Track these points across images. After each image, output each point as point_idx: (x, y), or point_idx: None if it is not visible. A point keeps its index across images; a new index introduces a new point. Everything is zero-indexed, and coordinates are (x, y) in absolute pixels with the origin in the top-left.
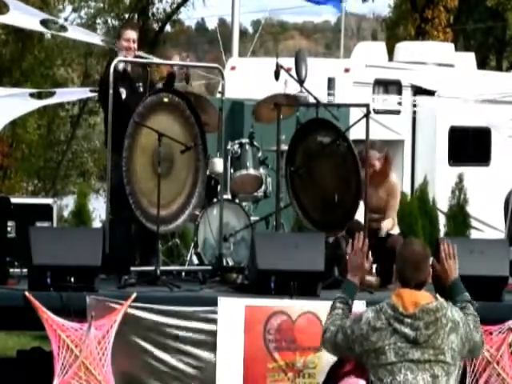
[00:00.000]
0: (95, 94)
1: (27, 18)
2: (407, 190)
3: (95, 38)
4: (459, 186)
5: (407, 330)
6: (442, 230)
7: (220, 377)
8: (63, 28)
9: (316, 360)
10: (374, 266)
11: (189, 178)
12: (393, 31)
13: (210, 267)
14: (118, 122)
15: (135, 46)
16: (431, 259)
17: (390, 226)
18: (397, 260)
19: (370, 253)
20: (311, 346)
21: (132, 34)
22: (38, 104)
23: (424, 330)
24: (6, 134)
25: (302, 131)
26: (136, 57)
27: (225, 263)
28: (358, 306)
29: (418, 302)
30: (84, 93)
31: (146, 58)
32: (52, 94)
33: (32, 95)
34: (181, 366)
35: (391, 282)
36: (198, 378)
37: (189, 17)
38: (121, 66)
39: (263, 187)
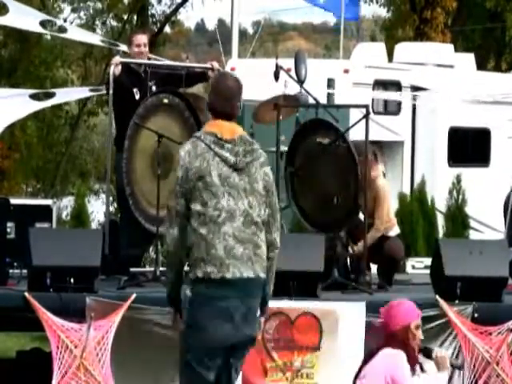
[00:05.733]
0: (95, 94)
1: (27, 20)
2: (407, 190)
3: (95, 39)
4: (457, 187)
5: (228, 155)
6: (441, 230)
7: None
8: (63, 29)
9: (314, 360)
10: (375, 267)
11: None
12: (392, 32)
13: None
14: (129, 122)
15: (146, 49)
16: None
17: (361, 248)
18: (210, 93)
19: (369, 256)
20: (309, 346)
21: (142, 39)
22: (38, 106)
23: (242, 157)
24: (5, 135)
25: (301, 132)
26: (148, 59)
27: None
28: (359, 307)
29: (235, 131)
30: (84, 92)
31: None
32: (52, 95)
33: (32, 97)
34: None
35: (391, 284)
36: None
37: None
38: (117, 70)
39: None
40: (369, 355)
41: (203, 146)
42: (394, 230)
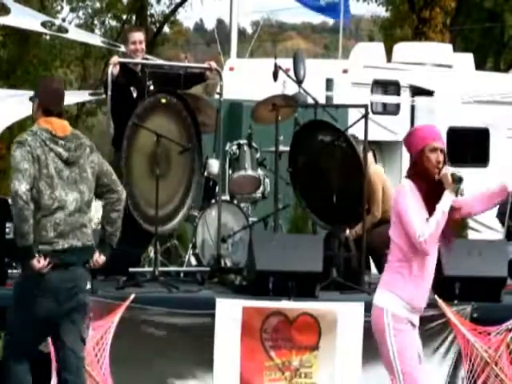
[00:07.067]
0: (95, 98)
1: (28, 20)
2: None
3: (95, 39)
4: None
5: (61, 150)
6: None
7: (217, 376)
8: (63, 29)
9: (312, 359)
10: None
11: (184, 179)
12: (390, 32)
13: (208, 268)
14: (127, 121)
15: (142, 46)
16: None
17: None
18: (41, 93)
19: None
20: (308, 346)
21: (138, 36)
22: None
23: (73, 152)
24: (4, 135)
25: (302, 132)
26: (143, 58)
27: (223, 264)
28: (357, 307)
29: (67, 128)
30: (83, 96)
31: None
32: None
33: (31, 99)
34: (179, 366)
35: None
36: (197, 378)
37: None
38: (115, 70)
39: (261, 188)
40: None
41: (40, 141)
42: None
